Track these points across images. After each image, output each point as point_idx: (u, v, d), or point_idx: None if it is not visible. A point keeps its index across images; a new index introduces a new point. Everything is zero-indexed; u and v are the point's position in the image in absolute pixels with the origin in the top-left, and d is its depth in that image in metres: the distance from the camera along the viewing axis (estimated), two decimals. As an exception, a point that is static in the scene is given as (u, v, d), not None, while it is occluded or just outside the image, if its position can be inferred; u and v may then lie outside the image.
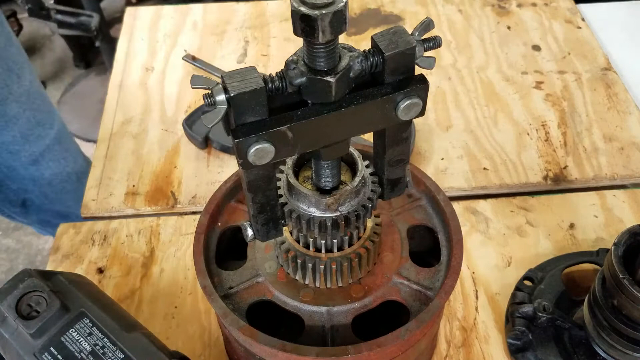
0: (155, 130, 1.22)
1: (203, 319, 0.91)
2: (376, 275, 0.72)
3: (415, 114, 0.56)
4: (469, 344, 0.87)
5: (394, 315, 0.73)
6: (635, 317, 0.71)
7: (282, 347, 0.63)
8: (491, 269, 0.96)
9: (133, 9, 1.53)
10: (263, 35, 1.43)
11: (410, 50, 0.53)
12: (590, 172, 1.11)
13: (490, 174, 1.11)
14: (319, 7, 0.46)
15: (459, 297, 0.92)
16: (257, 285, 0.72)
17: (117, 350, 0.66)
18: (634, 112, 1.22)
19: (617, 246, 0.71)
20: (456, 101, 1.25)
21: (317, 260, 0.68)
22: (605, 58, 1.34)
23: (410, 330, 0.64)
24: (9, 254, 2.38)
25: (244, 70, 0.51)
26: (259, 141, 0.52)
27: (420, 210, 0.79)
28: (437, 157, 1.14)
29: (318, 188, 0.64)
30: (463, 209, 1.04)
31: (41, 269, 0.73)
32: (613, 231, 1.01)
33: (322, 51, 0.50)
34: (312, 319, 0.69)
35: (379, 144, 0.63)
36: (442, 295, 0.67)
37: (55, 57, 3.24)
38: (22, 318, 0.66)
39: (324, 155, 0.59)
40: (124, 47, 1.42)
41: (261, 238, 0.64)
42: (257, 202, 0.60)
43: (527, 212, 1.04)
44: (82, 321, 0.67)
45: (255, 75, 0.51)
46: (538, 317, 0.83)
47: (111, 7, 3.27)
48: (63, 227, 1.04)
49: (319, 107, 0.53)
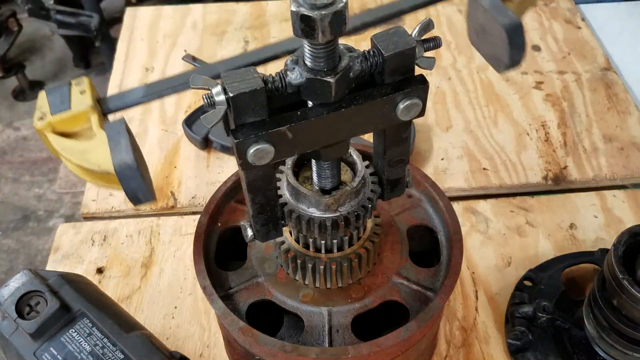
0: (155, 130, 1.22)
1: (203, 319, 0.91)
2: (376, 275, 0.72)
3: (415, 114, 0.56)
4: (469, 344, 0.87)
5: (394, 315, 0.73)
6: (635, 317, 0.71)
7: (282, 347, 0.63)
8: (491, 269, 0.96)
9: (133, 9, 1.53)
10: (263, 35, 1.43)
11: (410, 51, 0.53)
12: (590, 172, 1.11)
13: (490, 174, 1.11)
14: (319, 8, 0.46)
15: (459, 297, 0.92)
16: (257, 286, 0.72)
17: (116, 351, 0.66)
18: (634, 112, 1.22)
19: (617, 246, 0.71)
20: (456, 101, 1.25)
21: (317, 260, 0.68)
22: (605, 58, 1.34)
23: (410, 330, 0.64)
24: (9, 254, 2.38)
25: (243, 71, 0.51)
26: (259, 141, 0.52)
27: (420, 210, 0.79)
28: (437, 157, 1.14)
29: (318, 188, 0.64)
30: (463, 209, 1.04)
31: (41, 269, 0.73)
32: (613, 231, 1.01)
33: (322, 51, 0.50)
34: (312, 319, 0.69)
35: (379, 144, 0.63)
36: (442, 295, 0.67)
37: (55, 57, 3.24)
38: (22, 318, 0.66)
39: (323, 156, 0.59)
40: (123, 47, 1.42)
41: (261, 238, 0.64)
42: (257, 203, 0.60)
43: (527, 212, 1.04)
44: (82, 321, 0.67)
45: (255, 76, 0.51)
46: (538, 317, 0.83)
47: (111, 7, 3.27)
48: (63, 227, 1.04)
49: (318, 107, 0.53)
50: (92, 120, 0.57)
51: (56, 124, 0.56)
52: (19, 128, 2.87)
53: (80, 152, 0.55)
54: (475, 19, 0.59)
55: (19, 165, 2.70)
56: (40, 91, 0.58)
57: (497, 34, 0.55)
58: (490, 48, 0.58)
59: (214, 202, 0.77)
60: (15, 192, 2.60)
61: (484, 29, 0.57)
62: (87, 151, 0.55)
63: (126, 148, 0.52)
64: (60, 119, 0.56)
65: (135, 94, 0.61)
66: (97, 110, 0.58)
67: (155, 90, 0.62)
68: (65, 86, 0.58)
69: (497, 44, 0.55)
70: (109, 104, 0.60)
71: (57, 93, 0.58)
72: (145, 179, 0.53)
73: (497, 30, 0.55)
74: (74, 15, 2.47)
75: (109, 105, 0.60)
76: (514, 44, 0.54)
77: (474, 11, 0.59)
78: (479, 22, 0.58)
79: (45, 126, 0.56)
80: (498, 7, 0.55)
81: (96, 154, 0.54)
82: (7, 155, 2.75)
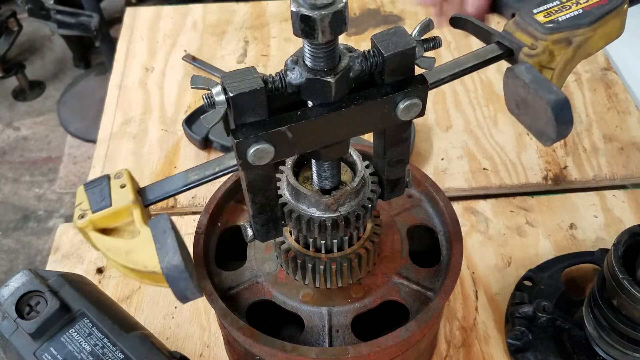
0: (155, 130, 1.22)
1: (203, 319, 0.91)
2: (376, 275, 0.72)
3: (415, 115, 0.56)
4: (469, 344, 0.87)
5: (394, 315, 0.73)
6: (635, 317, 0.71)
7: (282, 347, 0.63)
8: (491, 269, 0.96)
9: (133, 9, 1.53)
10: (263, 36, 1.43)
11: (410, 51, 0.53)
12: (590, 172, 1.11)
13: (490, 174, 1.11)
14: (319, 8, 0.46)
15: (459, 297, 0.92)
16: (256, 286, 0.72)
17: (116, 351, 0.66)
18: (634, 112, 1.22)
19: (617, 246, 0.71)
20: (456, 101, 1.25)
21: (317, 260, 0.68)
22: (605, 58, 1.34)
23: (410, 330, 0.64)
24: (9, 254, 2.38)
25: (243, 71, 0.51)
26: (259, 141, 0.52)
27: (420, 210, 0.79)
28: (437, 157, 1.14)
29: (318, 188, 0.64)
30: (463, 209, 1.04)
31: (41, 269, 0.73)
32: (613, 231, 1.01)
33: (322, 51, 0.50)
34: (312, 319, 0.69)
35: (379, 144, 0.63)
36: (442, 295, 0.67)
37: (55, 57, 3.24)
38: (22, 318, 0.66)
39: (323, 156, 0.59)
40: (123, 47, 1.42)
41: (261, 238, 0.64)
42: (257, 203, 0.60)
43: (527, 212, 1.04)
44: (82, 321, 0.67)
45: (255, 76, 0.51)
46: (538, 317, 0.83)
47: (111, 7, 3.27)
48: (63, 227, 1.04)
49: (318, 107, 0.53)
50: (135, 215, 0.55)
51: (97, 221, 0.54)
52: (19, 128, 2.87)
53: (125, 252, 0.53)
54: (515, 92, 0.57)
55: (19, 165, 2.70)
56: (78, 188, 0.56)
57: (542, 110, 0.53)
58: (534, 121, 0.55)
59: (214, 202, 0.77)
60: (15, 192, 2.60)
61: (526, 103, 0.55)
62: (132, 251, 0.53)
63: (173, 248, 0.50)
64: (101, 216, 0.54)
65: (176, 182, 0.59)
66: (139, 203, 0.56)
67: (196, 178, 0.59)
68: (105, 180, 0.56)
69: (542, 118, 0.53)
70: (149, 195, 0.58)
71: (96, 188, 0.56)
72: (193, 276, 0.51)
73: (541, 106, 0.53)
74: (74, 15, 2.47)
75: (148, 197, 0.58)
76: (561, 119, 0.52)
77: (514, 84, 0.56)
78: (520, 96, 0.56)
79: (86, 224, 0.54)
80: (540, 82, 0.53)
81: (141, 254, 0.52)
82: (7, 155, 2.75)
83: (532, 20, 0.63)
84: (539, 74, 0.55)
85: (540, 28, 0.62)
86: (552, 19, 0.63)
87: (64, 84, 3.08)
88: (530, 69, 0.55)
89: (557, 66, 0.62)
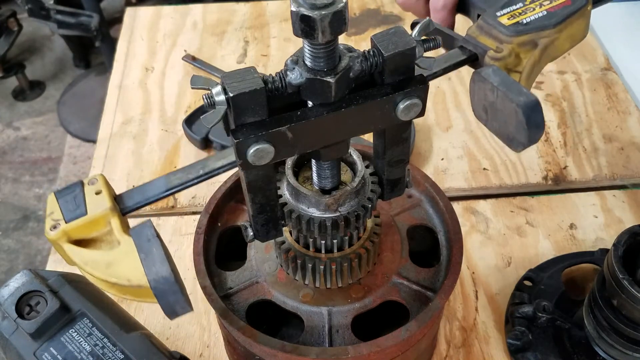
0: (155, 130, 1.22)
1: (203, 319, 0.91)
2: (376, 275, 0.72)
3: (415, 115, 0.56)
4: (469, 344, 0.87)
5: (394, 315, 0.73)
6: (635, 317, 0.71)
7: (282, 347, 0.63)
8: (491, 269, 0.96)
9: (133, 9, 1.53)
10: (263, 36, 1.43)
11: (410, 51, 0.53)
12: (590, 172, 1.11)
13: (490, 174, 1.11)
14: (319, 8, 0.46)
15: (459, 297, 0.92)
16: (256, 286, 0.72)
17: (116, 351, 0.66)
18: (634, 112, 1.22)
19: (617, 246, 0.71)
20: (456, 101, 1.25)
21: (317, 260, 0.68)
22: (605, 58, 1.34)
23: (410, 331, 0.64)
24: (9, 254, 2.38)
25: (243, 71, 0.51)
26: (259, 141, 0.52)
27: (420, 210, 0.79)
28: (437, 157, 1.14)
29: (318, 188, 0.64)
30: (463, 209, 1.04)
31: (41, 269, 0.73)
32: (613, 231, 1.01)
33: (322, 51, 0.50)
34: (312, 319, 0.69)
35: (379, 144, 0.63)
36: (442, 295, 0.67)
37: (55, 57, 3.24)
38: (22, 318, 0.66)
39: (323, 156, 0.59)
40: (123, 47, 1.42)
41: (261, 238, 0.64)
42: (257, 203, 0.60)
43: (527, 212, 1.04)
44: (82, 321, 0.67)
45: (255, 76, 0.51)
46: (538, 317, 0.83)
47: (111, 7, 3.27)
48: (63, 227, 1.04)
49: (318, 107, 0.53)
50: (113, 224, 0.50)
51: (72, 232, 0.49)
52: (19, 128, 2.87)
53: (105, 265, 0.48)
54: (483, 96, 0.54)
55: (19, 165, 2.70)
56: (49, 195, 0.51)
57: (512, 113, 0.50)
58: (504, 126, 0.53)
59: (214, 202, 0.77)
60: (15, 192, 2.60)
61: (494, 107, 0.53)
62: (113, 263, 0.48)
63: (160, 258, 0.45)
64: (76, 226, 0.49)
65: (157, 187, 0.54)
66: (117, 211, 0.51)
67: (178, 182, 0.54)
68: (78, 186, 0.51)
69: (512, 122, 0.51)
70: (127, 202, 0.53)
71: (69, 196, 0.50)
72: (183, 289, 0.47)
73: (511, 109, 0.50)
74: (74, 15, 2.47)
75: (127, 204, 0.53)
76: (532, 122, 0.49)
77: (481, 88, 0.54)
78: (488, 100, 0.53)
79: (59, 236, 0.49)
80: (509, 84, 0.51)
81: (124, 266, 0.47)
82: (7, 155, 2.75)
83: (496, 23, 0.61)
84: (507, 76, 0.52)
85: (505, 30, 0.60)
86: (516, 21, 0.61)
87: (64, 84, 3.09)
88: (498, 71, 0.53)
89: (524, 69, 0.60)
